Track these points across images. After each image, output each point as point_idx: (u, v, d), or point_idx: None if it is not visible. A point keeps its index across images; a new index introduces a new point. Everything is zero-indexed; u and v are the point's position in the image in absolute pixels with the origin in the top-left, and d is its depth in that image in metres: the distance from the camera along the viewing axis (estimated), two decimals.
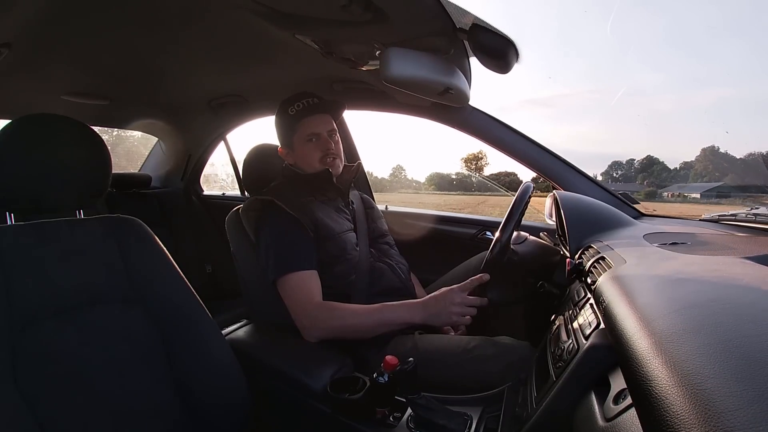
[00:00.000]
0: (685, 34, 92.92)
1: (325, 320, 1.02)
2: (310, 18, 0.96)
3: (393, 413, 0.83)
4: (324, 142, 1.18)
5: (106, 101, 1.73)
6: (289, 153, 1.22)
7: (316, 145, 1.17)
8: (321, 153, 1.17)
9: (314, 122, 1.17)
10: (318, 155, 1.17)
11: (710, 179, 2.74)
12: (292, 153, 1.21)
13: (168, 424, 0.79)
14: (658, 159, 3.89)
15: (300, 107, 1.16)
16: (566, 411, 0.55)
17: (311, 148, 1.17)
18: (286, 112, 1.17)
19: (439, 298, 0.99)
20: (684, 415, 0.28)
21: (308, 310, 1.03)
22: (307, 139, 1.17)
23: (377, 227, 1.30)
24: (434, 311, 0.98)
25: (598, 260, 0.76)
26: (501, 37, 0.92)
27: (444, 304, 0.98)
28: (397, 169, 10.57)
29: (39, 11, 0.96)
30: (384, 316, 1.01)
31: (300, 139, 1.18)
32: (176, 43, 1.23)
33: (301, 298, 1.04)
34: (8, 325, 0.67)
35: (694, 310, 0.42)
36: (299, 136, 1.18)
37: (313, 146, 1.17)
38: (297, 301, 1.04)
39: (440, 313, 0.98)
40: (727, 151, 2.59)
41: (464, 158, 12.07)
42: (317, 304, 1.03)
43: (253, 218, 1.15)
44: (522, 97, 71.53)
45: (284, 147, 1.22)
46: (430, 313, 0.99)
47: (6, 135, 0.76)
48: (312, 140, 1.17)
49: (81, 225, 0.83)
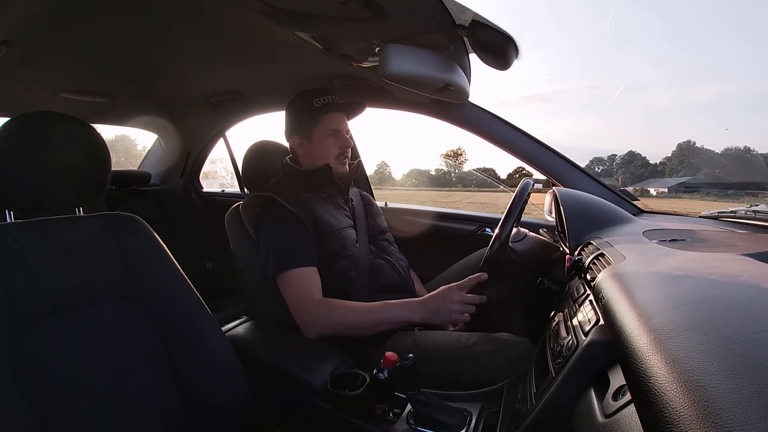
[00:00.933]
0: (685, 30, 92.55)
1: (325, 317, 1.02)
2: (309, 15, 0.96)
3: (393, 409, 0.83)
4: (344, 140, 1.20)
5: (105, 98, 1.73)
6: (303, 142, 1.21)
7: (336, 140, 1.19)
8: (339, 150, 1.20)
9: (338, 118, 1.20)
10: (336, 151, 1.20)
11: (685, 174, 2.74)
12: (308, 143, 1.21)
13: (168, 420, 0.79)
14: (639, 154, 3.88)
15: (326, 101, 1.18)
16: (566, 407, 0.55)
17: (331, 142, 1.19)
18: (311, 103, 1.18)
19: (438, 296, 1.00)
20: (683, 412, 0.28)
21: (308, 306, 1.03)
22: (329, 134, 1.19)
23: (377, 224, 1.30)
24: (434, 309, 0.99)
25: (597, 257, 0.76)
26: (501, 34, 0.91)
27: (443, 303, 0.99)
28: (381, 165, 10.52)
29: (38, 8, 0.95)
30: (384, 314, 1.01)
31: (321, 131, 1.19)
32: (175, 40, 1.22)
33: (301, 294, 1.04)
34: (8, 324, 0.67)
35: (694, 306, 0.42)
36: (321, 129, 1.18)
37: (334, 141, 1.19)
38: (297, 297, 1.04)
39: (440, 311, 0.99)
40: (703, 146, 2.59)
41: (444, 154, 12.01)
42: (317, 301, 1.04)
43: (253, 215, 1.15)
44: (521, 92, 71.42)
45: (299, 136, 1.21)
46: (429, 311, 1.00)
47: (5, 132, 0.75)
48: (332, 135, 1.19)
49: (80, 222, 0.83)
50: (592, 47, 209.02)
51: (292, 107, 1.23)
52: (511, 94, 55.89)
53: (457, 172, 7.51)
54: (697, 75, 46.41)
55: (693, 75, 45.27)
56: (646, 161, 3.62)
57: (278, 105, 1.90)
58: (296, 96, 1.23)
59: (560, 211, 1.05)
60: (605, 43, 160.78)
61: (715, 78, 42.05)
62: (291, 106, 1.23)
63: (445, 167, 7.52)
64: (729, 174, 1.83)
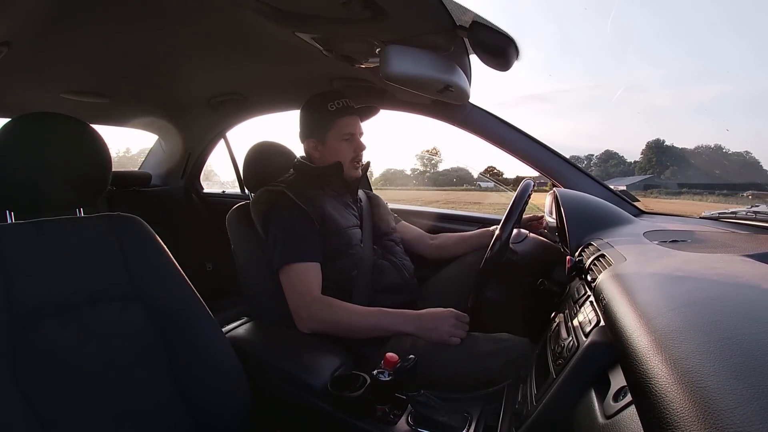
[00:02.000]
0: (685, 30, 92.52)
1: (321, 314, 1.03)
2: (310, 15, 0.96)
3: (393, 410, 0.83)
4: (358, 144, 1.21)
5: (106, 99, 1.73)
6: (317, 146, 1.22)
7: (350, 144, 1.20)
8: (354, 153, 1.21)
9: (353, 122, 1.21)
10: (351, 155, 1.21)
11: (653, 173, 2.75)
12: (322, 146, 1.21)
13: (168, 421, 0.79)
14: (616, 153, 3.90)
15: (341, 105, 1.19)
16: (566, 408, 0.55)
17: (346, 146, 1.20)
18: (325, 107, 1.19)
19: (437, 316, 1.00)
20: (683, 413, 0.28)
21: (306, 301, 1.04)
22: (344, 138, 1.20)
23: (382, 225, 1.31)
24: (429, 327, 0.99)
25: (598, 258, 0.76)
26: (501, 35, 0.91)
27: (440, 323, 0.99)
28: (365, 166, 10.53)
29: (38, 9, 0.95)
30: (379, 322, 1.02)
31: (336, 135, 1.19)
32: (176, 41, 1.23)
33: (300, 289, 1.05)
34: (8, 324, 0.67)
35: (694, 307, 0.42)
36: (336, 133, 1.19)
37: (348, 145, 1.20)
38: (296, 291, 1.05)
39: (434, 330, 0.99)
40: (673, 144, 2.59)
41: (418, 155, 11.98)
42: (316, 298, 1.04)
43: (263, 210, 1.16)
44: (521, 93, 71.26)
45: (313, 139, 1.22)
46: (424, 328, 1.00)
47: (6, 133, 0.75)
48: (347, 139, 1.20)
49: (81, 223, 0.83)
50: (592, 47, 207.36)
51: (306, 110, 1.24)
52: (510, 94, 55.66)
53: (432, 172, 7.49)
54: (697, 75, 46.36)
55: (693, 75, 45.26)
56: (623, 159, 3.63)
57: (279, 106, 1.90)
58: (311, 99, 1.23)
59: (561, 212, 1.05)
60: (605, 43, 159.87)
61: (715, 78, 41.97)
62: (305, 109, 1.24)
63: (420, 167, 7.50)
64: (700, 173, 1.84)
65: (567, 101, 66.70)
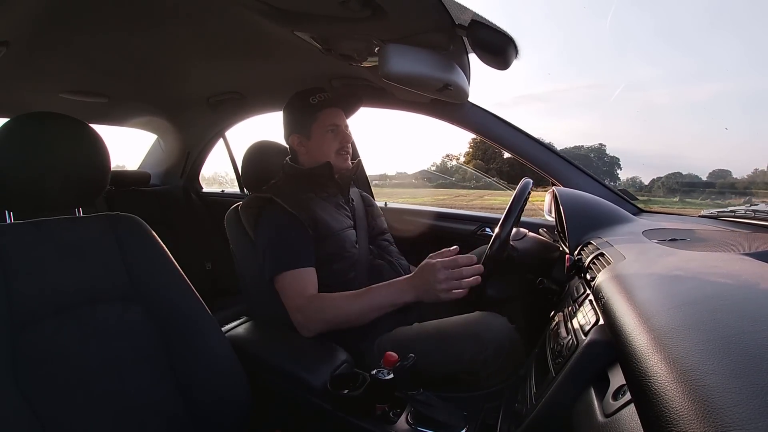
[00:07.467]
0: (682, 30, 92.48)
1: (316, 312, 1.02)
2: (308, 14, 0.96)
3: (393, 409, 0.83)
4: (343, 135, 1.20)
5: (105, 99, 1.72)
6: (302, 141, 1.21)
7: (335, 136, 1.19)
8: (339, 145, 1.19)
9: (335, 113, 1.20)
10: (336, 146, 1.19)
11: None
12: (307, 141, 1.20)
13: (168, 421, 0.79)
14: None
15: (322, 98, 1.18)
16: (565, 407, 0.56)
17: (330, 138, 1.18)
18: (307, 101, 1.18)
19: (425, 272, 0.96)
20: (683, 411, 0.28)
21: (300, 304, 1.03)
22: (328, 130, 1.18)
23: (377, 224, 1.30)
24: (419, 285, 0.96)
25: (597, 256, 0.76)
26: (500, 34, 0.91)
27: (429, 280, 0.95)
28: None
29: (38, 9, 0.95)
30: (372, 299, 0.99)
31: (320, 128, 1.18)
32: (175, 40, 1.22)
33: (294, 294, 1.04)
34: (8, 324, 0.67)
35: (694, 306, 0.42)
36: (319, 125, 1.18)
37: (333, 137, 1.19)
38: (290, 298, 1.04)
39: (427, 288, 0.95)
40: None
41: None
42: (309, 297, 1.03)
43: (252, 216, 1.15)
44: (519, 92, 71.21)
45: (298, 134, 1.21)
46: (416, 288, 0.97)
47: (4, 133, 0.75)
48: (331, 131, 1.19)
49: (80, 223, 0.83)
50: (591, 46, 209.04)
51: (289, 108, 1.23)
52: (509, 93, 55.67)
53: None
54: (695, 73, 46.30)
55: (691, 73, 45.18)
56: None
57: (278, 105, 1.88)
58: (292, 97, 1.23)
59: (560, 210, 1.05)
60: (603, 43, 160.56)
61: (713, 77, 41.82)
62: (288, 107, 1.23)
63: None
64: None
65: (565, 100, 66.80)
